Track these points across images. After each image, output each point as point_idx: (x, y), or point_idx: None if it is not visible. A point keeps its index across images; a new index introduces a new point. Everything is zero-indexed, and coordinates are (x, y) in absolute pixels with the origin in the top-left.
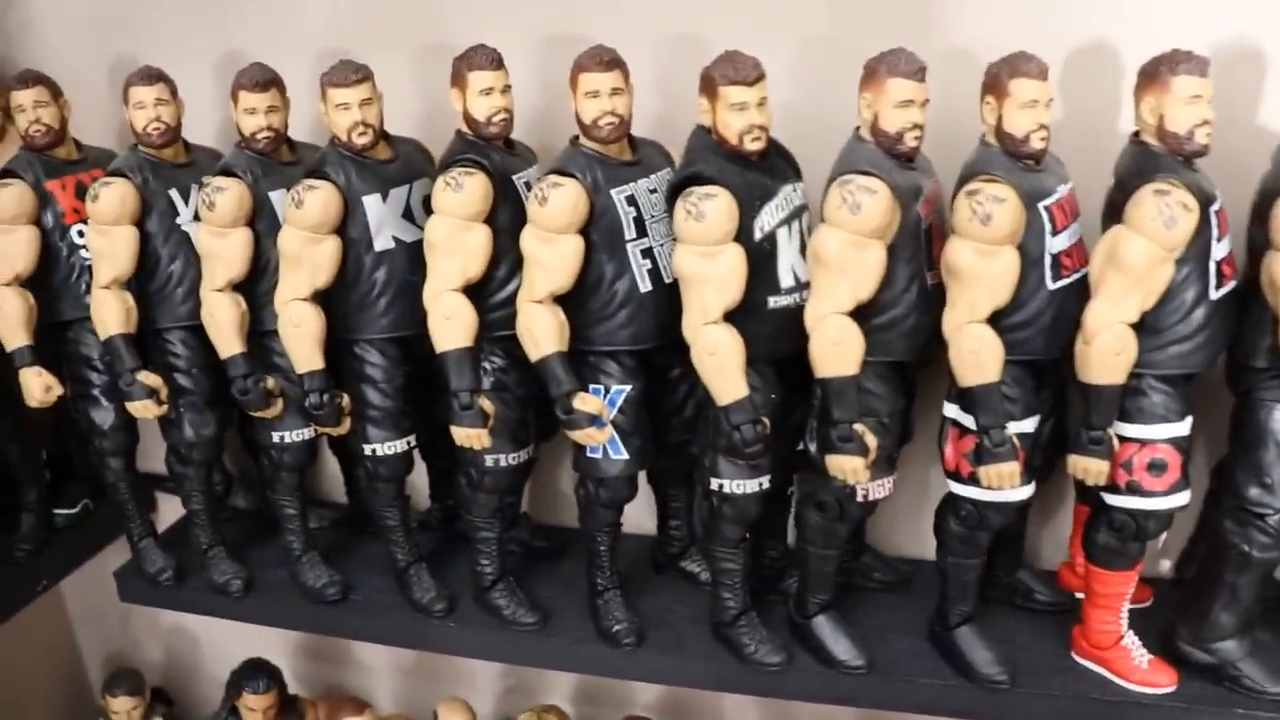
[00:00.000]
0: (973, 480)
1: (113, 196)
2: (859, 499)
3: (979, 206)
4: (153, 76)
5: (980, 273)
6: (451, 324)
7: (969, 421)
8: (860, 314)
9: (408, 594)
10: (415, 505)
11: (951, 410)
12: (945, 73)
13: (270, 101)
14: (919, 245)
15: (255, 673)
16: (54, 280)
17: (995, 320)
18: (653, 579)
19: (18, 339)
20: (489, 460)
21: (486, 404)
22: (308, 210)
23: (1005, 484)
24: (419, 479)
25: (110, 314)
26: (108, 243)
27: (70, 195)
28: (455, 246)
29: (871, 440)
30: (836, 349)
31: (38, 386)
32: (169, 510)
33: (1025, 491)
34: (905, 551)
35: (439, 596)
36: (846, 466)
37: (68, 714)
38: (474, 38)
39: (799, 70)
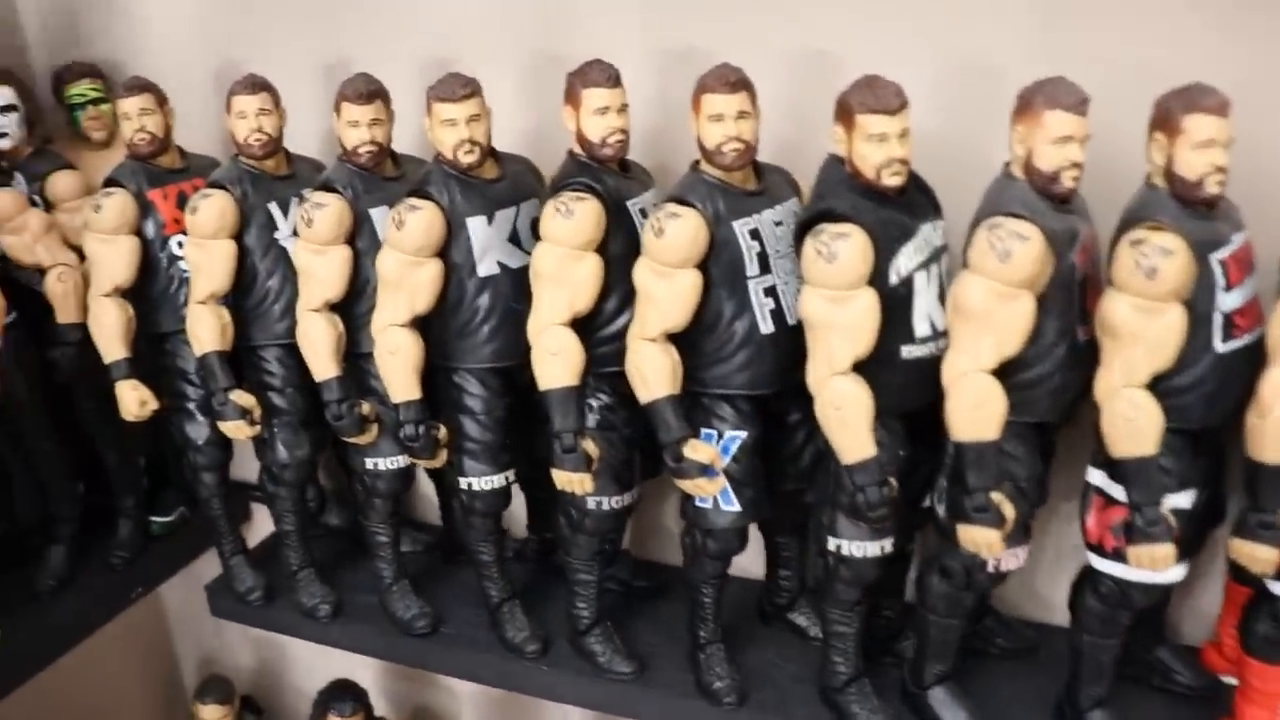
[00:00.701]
0: (1117, 556)
1: (211, 209)
2: (989, 569)
3: (1143, 258)
4: (256, 86)
5: (1141, 332)
6: (557, 360)
7: (1117, 492)
8: (1003, 370)
9: (499, 631)
10: (512, 534)
11: (1097, 477)
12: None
13: (374, 114)
14: (1072, 297)
15: (342, 695)
16: (153, 291)
17: (1154, 384)
18: (758, 629)
19: (115, 351)
20: (590, 503)
21: (591, 446)
22: (409, 232)
23: (1158, 566)
24: (517, 508)
25: (205, 330)
26: (205, 256)
27: (172, 205)
28: (564, 277)
29: (1009, 510)
30: (976, 412)
31: (133, 401)
32: (263, 519)
33: (1177, 573)
34: (1031, 615)
35: (532, 637)
36: (980, 539)
37: (162, 718)
38: (589, 50)
39: (940, 95)
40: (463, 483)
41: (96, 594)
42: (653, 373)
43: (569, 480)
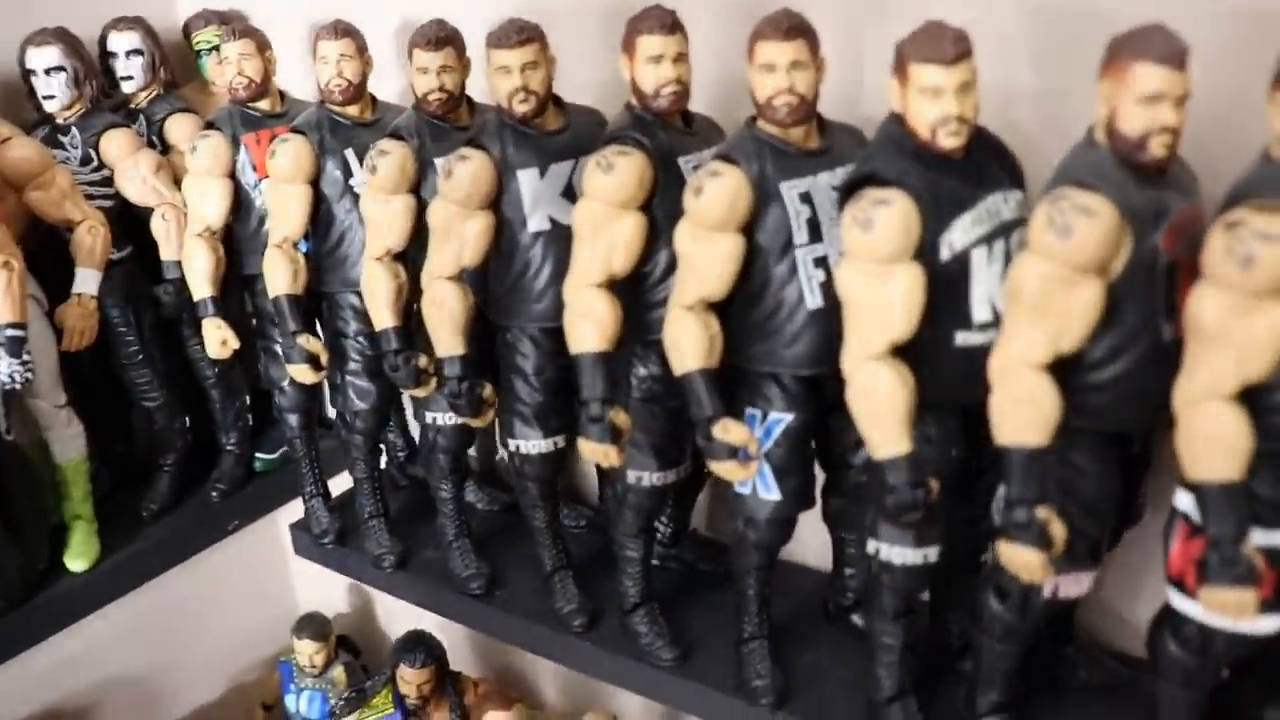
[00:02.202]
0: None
1: (287, 154)
2: (1046, 594)
3: (1238, 244)
4: (338, 31)
5: (1230, 333)
6: (587, 324)
7: None
8: (1065, 368)
9: (550, 601)
10: (586, 501)
11: (1184, 501)
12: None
13: (444, 61)
14: (1155, 287)
15: (415, 646)
16: (244, 234)
17: (1247, 398)
18: (821, 629)
19: (202, 290)
20: (631, 476)
21: (620, 417)
22: (457, 182)
23: (1233, 614)
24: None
25: (279, 273)
26: (280, 200)
27: (262, 149)
28: (601, 236)
29: (1058, 530)
30: (1021, 410)
31: (215, 339)
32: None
33: (1270, 624)
34: (1123, 647)
35: (579, 610)
36: (1017, 559)
37: (264, 649)
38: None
39: (1028, 44)
40: (511, 444)
41: (194, 523)
42: (688, 343)
43: (595, 451)
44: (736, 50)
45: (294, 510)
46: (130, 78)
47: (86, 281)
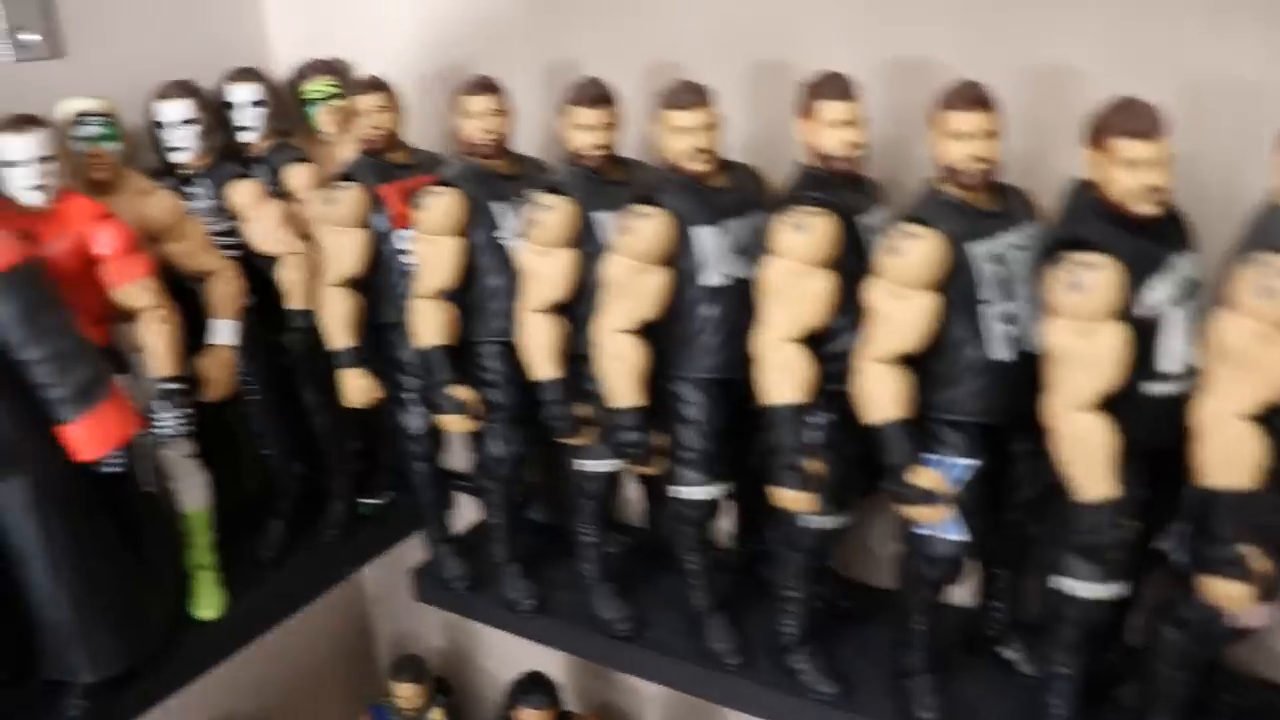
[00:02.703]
0: None
1: (439, 206)
2: (1227, 624)
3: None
4: (485, 86)
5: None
6: (785, 377)
7: None
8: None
9: (702, 640)
10: (715, 542)
11: None
12: None
13: (604, 119)
14: None
15: (535, 688)
16: (379, 283)
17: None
18: (964, 659)
19: (342, 340)
20: (804, 520)
21: (815, 465)
22: (638, 238)
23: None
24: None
25: (428, 324)
26: (431, 252)
27: (399, 200)
28: (795, 293)
29: (1262, 565)
30: (1232, 460)
31: (356, 389)
32: (466, 508)
33: None
34: (1267, 673)
35: (735, 649)
36: (1221, 592)
37: (358, 692)
38: (814, 58)
39: (1189, 114)
40: (675, 491)
41: (310, 568)
42: (884, 395)
43: (792, 499)
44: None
45: (396, 554)
46: (250, 128)
47: (223, 332)
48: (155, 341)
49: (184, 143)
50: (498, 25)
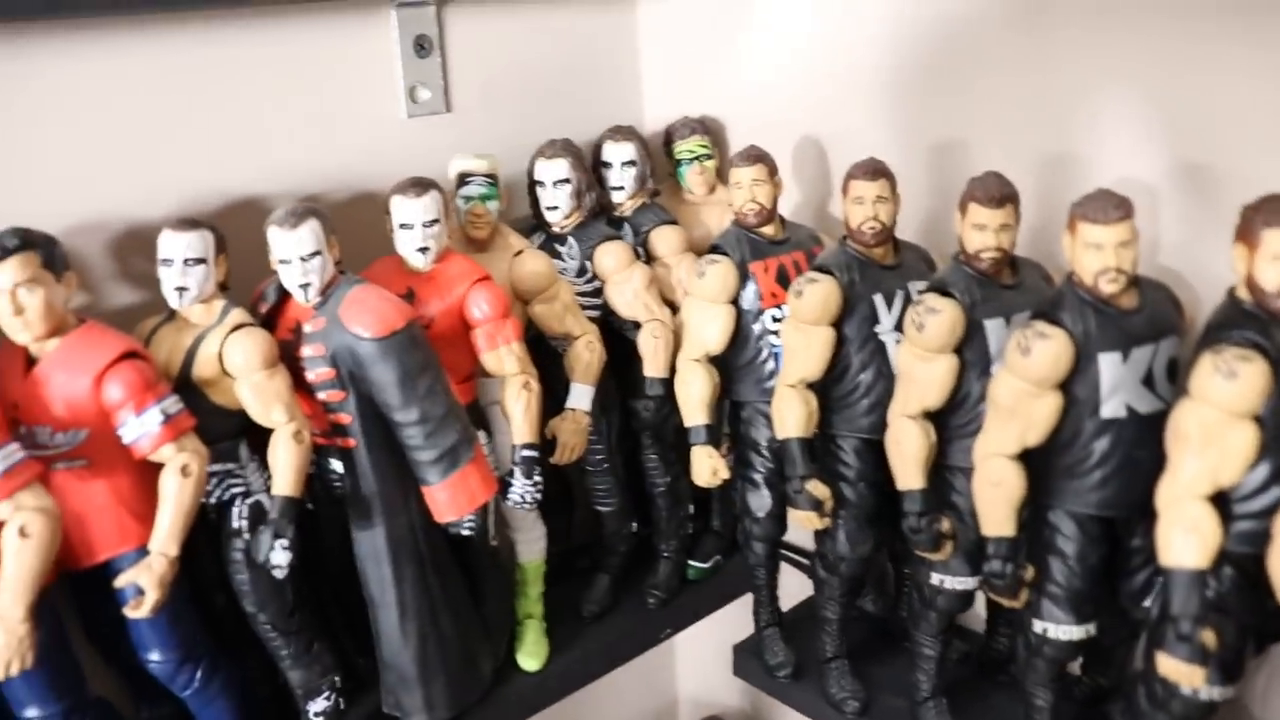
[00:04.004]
0: None
1: (816, 295)
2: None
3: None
4: (876, 172)
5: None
6: (1191, 540)
7: None
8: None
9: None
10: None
11: None
12: None
13: (1004, 220)
14: None
15: None
16: (739, 360)
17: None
18: None
19: (697, 417)
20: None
21: (1208, 635)
22: (1035, 360)
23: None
24: None
25: (792, 414)
26: (802, 341)
27: (771, 278)
28: (1215, 447)
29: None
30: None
31: (706, 469)
32: (790, 584)
33: None
34: None
35: None
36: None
37: None
38: (1262, 166)
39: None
40: (1037, 626)
41: (632, 627)
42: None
43: (1180, 672)
44: None
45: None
46: (621, 188)
47: (581, 397)
48: (519, 410)
49: (558, 202)
50: (879, 94)
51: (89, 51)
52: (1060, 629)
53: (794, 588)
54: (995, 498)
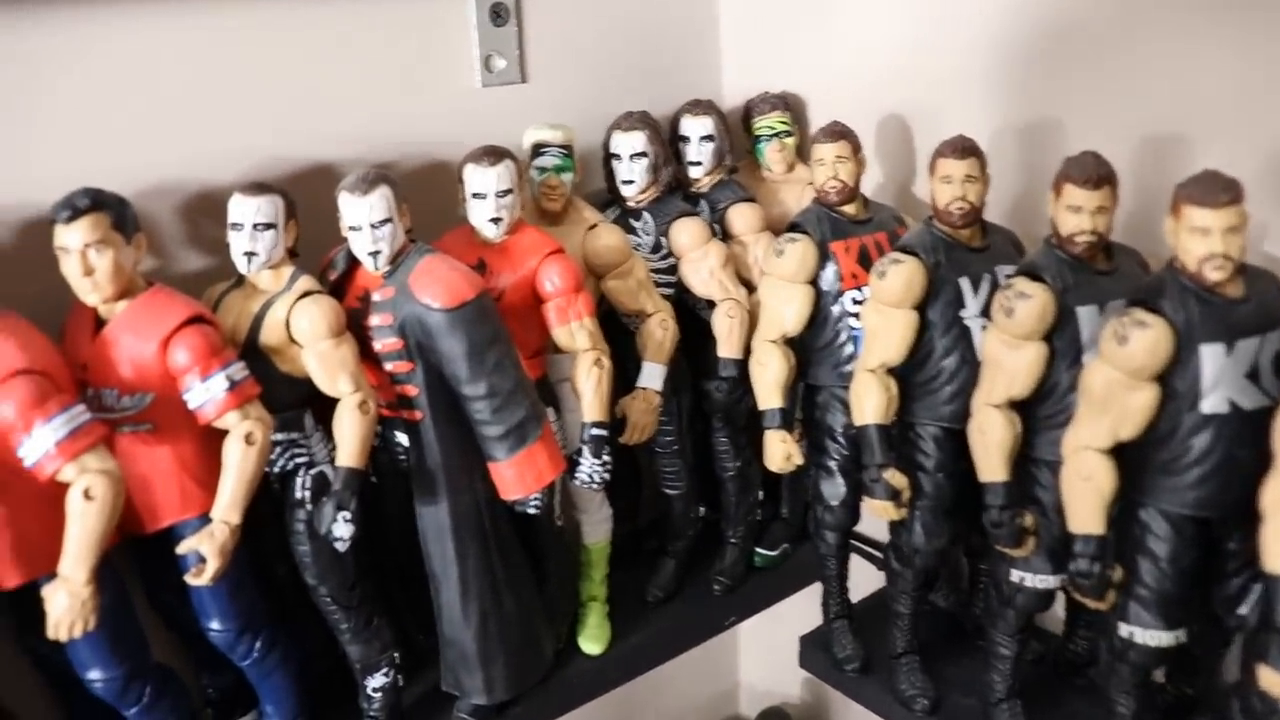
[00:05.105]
0: None
1: (900, 276)
2: None
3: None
4: (966, 150)
5: None
6: None
7: None
8: None
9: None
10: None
11: None
12: None
13: (1100, 201)
14: None
15: None
16: (816, 343)
17: None
18: None
19: (772, 400)
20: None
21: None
22: (1132, 349)
23: None
24: None
25: (871, 400)
26: (884, 324)
27: (852, 259)
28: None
29: None
30: None
31: (780, 454)
32: (861, 577)
33: None
34: None
35: None
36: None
37: None
38: None
39: None
40: (1123, 630)
41: (696, 613)
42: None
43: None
44: None
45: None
46: (699, 163)
47: (653, 377)
48: (589, 387)
49: (635, 176)
50: (971, 71)
51: (166, 14)
52: (1147, 634)
53: (861, 579)
54: (1085, 493)
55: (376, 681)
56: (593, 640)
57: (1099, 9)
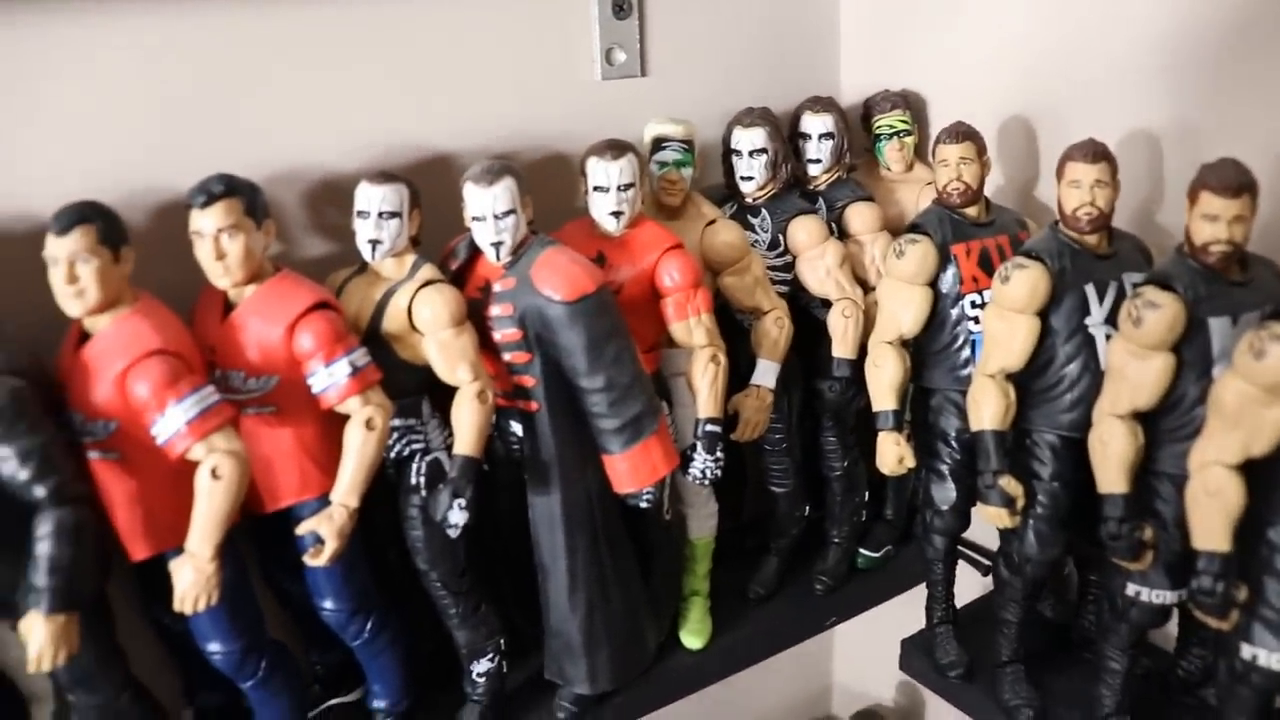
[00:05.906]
0: None
1: (1025, 282)
2: None
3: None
4: (1096, 154)
5: None
6: None
7: None
8: None
9: None
10: None
11: None
12: None
13: (1239, 211)
14: None
15: None
16: (933, 346)
17: None
18: None
19: (886, 402)
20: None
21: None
22: (1269, 366)
23: None
24: None
25: (989, 406)
26: (1006, 330)
27: (972, 262)
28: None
29: None
30: None
31: (892, 456)
32: (965, 583)
33: None
34: None
35: None
36: None
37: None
38: None
39: None
40: (1245, 652)
41: (797, 612)
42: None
43: None
44: None
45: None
46: (818, 160)
47: (766, 374)
48: (705, 383)
49: (753, 172)
50: (1102, 74)
51: (299, 5)
52: (1272, 657)
53: (963, 584)
54: (1211, 509)
55: (482, 666)
56: (694, 635)
57: (1245, 13)
